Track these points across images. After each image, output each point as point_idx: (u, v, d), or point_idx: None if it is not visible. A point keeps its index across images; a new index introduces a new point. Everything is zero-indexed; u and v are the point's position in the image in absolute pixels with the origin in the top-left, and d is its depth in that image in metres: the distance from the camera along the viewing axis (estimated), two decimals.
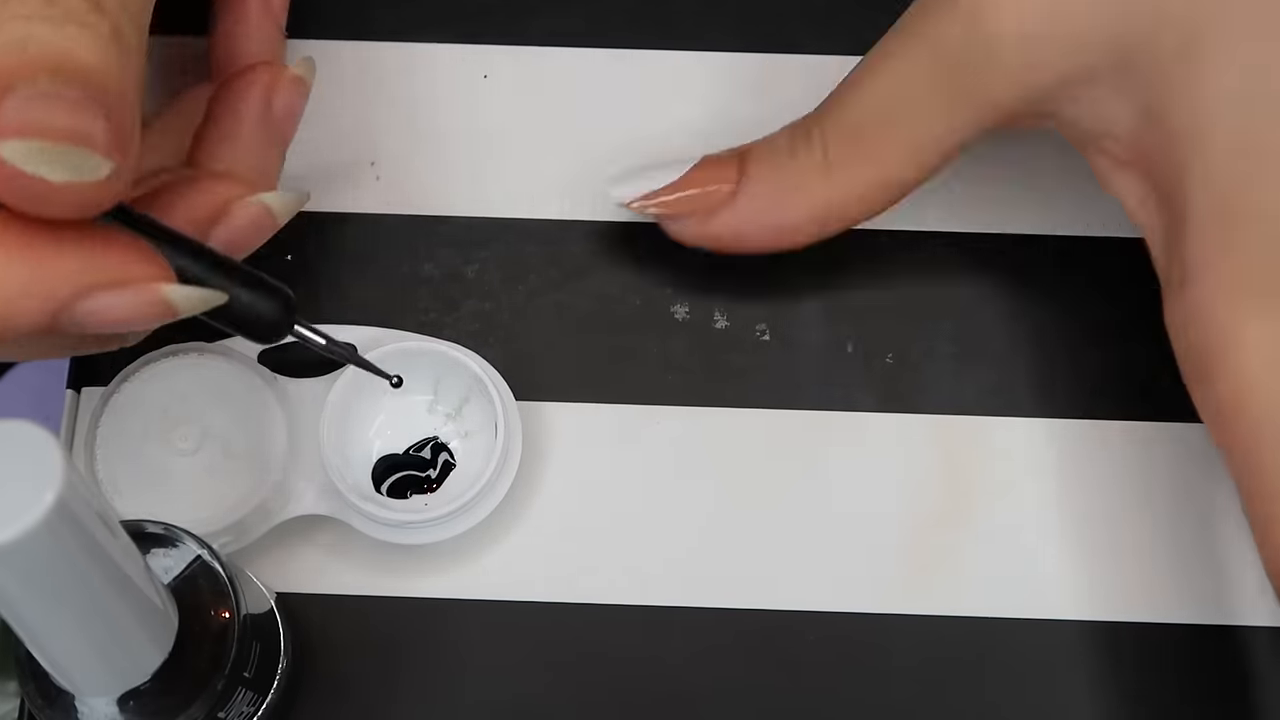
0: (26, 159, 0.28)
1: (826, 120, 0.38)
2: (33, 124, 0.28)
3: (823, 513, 0.40)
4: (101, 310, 0.30)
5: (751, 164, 0.39)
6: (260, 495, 0.37)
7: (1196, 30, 0.32)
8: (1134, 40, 0.33)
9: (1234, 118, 0.32)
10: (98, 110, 0.29)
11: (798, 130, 0.38)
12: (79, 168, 0.29)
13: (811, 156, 0.38)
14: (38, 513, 0.25)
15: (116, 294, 0.30)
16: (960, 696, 0.39)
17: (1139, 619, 0.39)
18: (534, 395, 0.41)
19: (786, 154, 0.38)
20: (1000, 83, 0.35)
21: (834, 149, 0.37)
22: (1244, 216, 0.32)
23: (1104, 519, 0.40)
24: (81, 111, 0.29)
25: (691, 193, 0.39)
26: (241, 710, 0.35)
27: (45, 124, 0.28)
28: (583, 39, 0.44)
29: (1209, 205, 0.33)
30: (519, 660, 0.39)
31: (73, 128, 0.29)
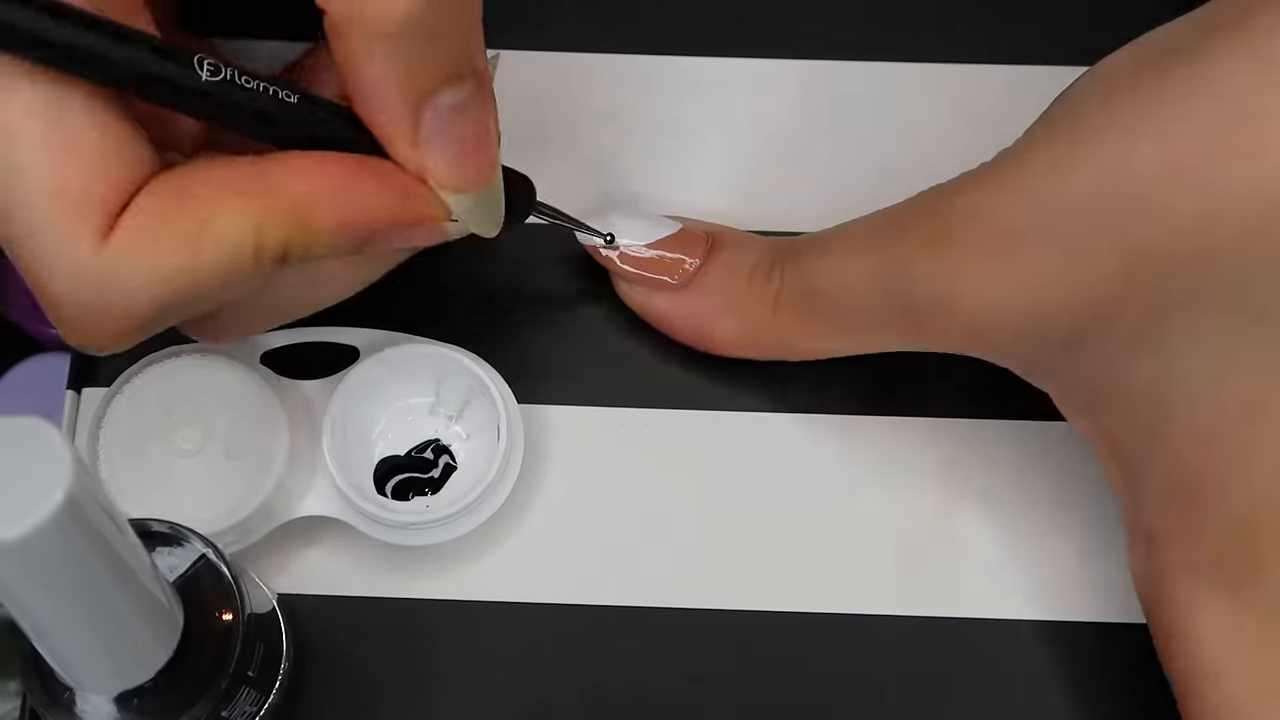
0: (466, 215, 0.33)
1: (790, 267, 0.38)
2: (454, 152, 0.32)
3: (821, 514, 0.40)
4: (400, 239, 0.33)
5: (712, 265, 0.39)
6: (262, 496, 0.37)
7: (1154, 322, 0.32)
8: (1092, 323, 0.33)
9: (1189, 409, 0.32)
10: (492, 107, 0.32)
11: (763, 259, 0.39)
12: (499, 209, 0.34)
13: (764, 292, 0.38)
14: (47, 509, 0.25)
15: (411, 229, 0.33)
16: (960, 697, 0.39)
17: (1140, 620, 0.39)
18: (535, 398, 0.41)
19: (745, 277, 0.39)
20: (954, 335, 0.35)
21: (786, 296, 0.38)
22: (1200, 506, 0.33)
23: (1105, 519, 0.40)
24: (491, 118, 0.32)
25: (645, 274, 0.39)
26: (244, 709, 0.35)
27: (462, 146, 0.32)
28: (584, 42, 0.44)
29: (1167, 486, 0.33)
30: (520, 661, 0.39)
31: (490, 154, 0.33)
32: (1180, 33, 0.32)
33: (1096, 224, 0.31)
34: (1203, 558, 0.33)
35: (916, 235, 0.34)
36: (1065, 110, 0.33)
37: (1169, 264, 0.31)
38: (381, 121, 0.32)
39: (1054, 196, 0.32)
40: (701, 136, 0.43)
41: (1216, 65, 0.31)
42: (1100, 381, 0.34)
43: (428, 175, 0.32)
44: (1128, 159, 0.31)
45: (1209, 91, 0.30)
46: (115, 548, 0.28)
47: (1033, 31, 0.44)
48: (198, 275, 0.30)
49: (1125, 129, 0.31)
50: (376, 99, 0.31)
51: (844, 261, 0.36)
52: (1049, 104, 0.34)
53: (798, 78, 0.44)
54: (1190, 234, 0.31)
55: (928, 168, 0.43)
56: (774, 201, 0.43)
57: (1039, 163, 0.32)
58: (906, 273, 0.34)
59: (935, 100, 0.43)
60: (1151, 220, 0.31)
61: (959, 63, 0.44)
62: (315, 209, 0.31)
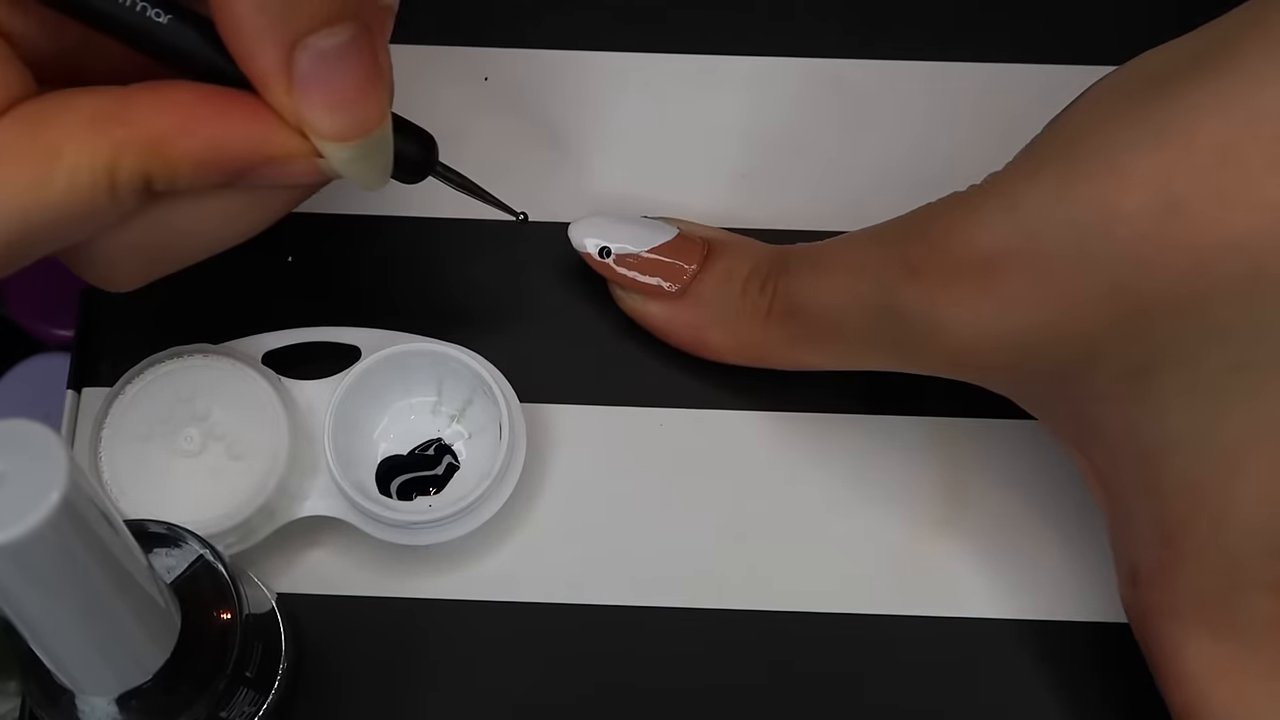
0: (346, 165, 0.32)
1: (783, 281, 0.38)
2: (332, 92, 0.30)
3: (821, 514, 0.40)
4: (273, 176, 0.32)
5: (708, 274, 0.39)
6: (264, 496, 0.37)
7: (1140, 368, 0.32)
8: (1077, 362, 0.32)
9: (1172, 458, 0.32)
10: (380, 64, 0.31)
11: (758, 268, 0.38)
12: (386, 162, 0.33)
13: (757, 304, 0.38)
14: (43, 511, 0.25)
15: (282, 165, 0.32)
16: (959, 697, 0.39)
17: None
18: (536, 397, 0.41)
19: (739, 289, 0.38)
20: (939, 361, 0.35)
21: (777, 311, 0.38)
22: (1180, 552, 0.33)
23: (1103, 520, 0.40)
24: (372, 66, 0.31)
25: (641, 280, 0.39)
26: (243, 710, 0.35)
27: (339, 93, 0.30)
28: (585, 42, 0.44)
29: (1149, 527, 0.33)
30: (521, 661, 0.39)
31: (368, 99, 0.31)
32: (1170, 60, 0.32)
33: (1084, 265, 0.31)
34: (1183, 601, 0.33)
35: (904, 260, 0.34)
36: (1057, 137, 0.33)
37: (1157, 310, 0.31)
38: (254, 61, 0.31)
39: (1043, 232, 0.31)
40: (702, 135, 0.43)
41: (1205, 100, 0.30)
42: (1086, 417, 0.33)
43: (303, 123, 0.31)
44: (1118, 200, 0.30)
45: (1201, 130, 0.30)
46: (112, 550, 0.28)
47: (1038, 30, 0.44)
48: (49, 205, 0.30)
49: (1116, 166, 0.31)
50: (246, 40, 0.31)
51: (834, 282, 0.36)
52: (1045, 125, 0.34)
53: (798, 75, 0.44)
54: (1180, 282, 0.30)
55: (931, 167, 0.43)
56: (776, 200, 0.43)
57: (1029, 194, 0.32)
58: (894, 298, 0.34)
59: (938, 99, 0.43)
60: (1141, 266, 0.30)
61: (962, 61, 0.44)
62: (174, 141, 0.31)
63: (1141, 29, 0.44)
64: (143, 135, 0.30)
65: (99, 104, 0.31)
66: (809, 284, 0.37)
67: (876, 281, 0.35)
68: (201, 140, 0.31)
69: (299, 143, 0.32)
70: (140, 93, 0.31)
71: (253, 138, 0.31)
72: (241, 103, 0.31)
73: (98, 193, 0.30)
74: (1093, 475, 0.35)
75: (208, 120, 0.31)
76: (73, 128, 0.30)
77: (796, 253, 0.38)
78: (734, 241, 0.40)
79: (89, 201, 0.30)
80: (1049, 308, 0.32)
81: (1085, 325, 0.32)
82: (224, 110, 0.31)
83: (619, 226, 0.40)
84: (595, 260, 0.40)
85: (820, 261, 0.37)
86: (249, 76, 0.31)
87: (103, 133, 0.30)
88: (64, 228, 0.31)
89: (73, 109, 0.31)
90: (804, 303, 0.37)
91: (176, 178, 0.31)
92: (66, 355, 0.42)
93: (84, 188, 0.30)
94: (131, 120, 0.31)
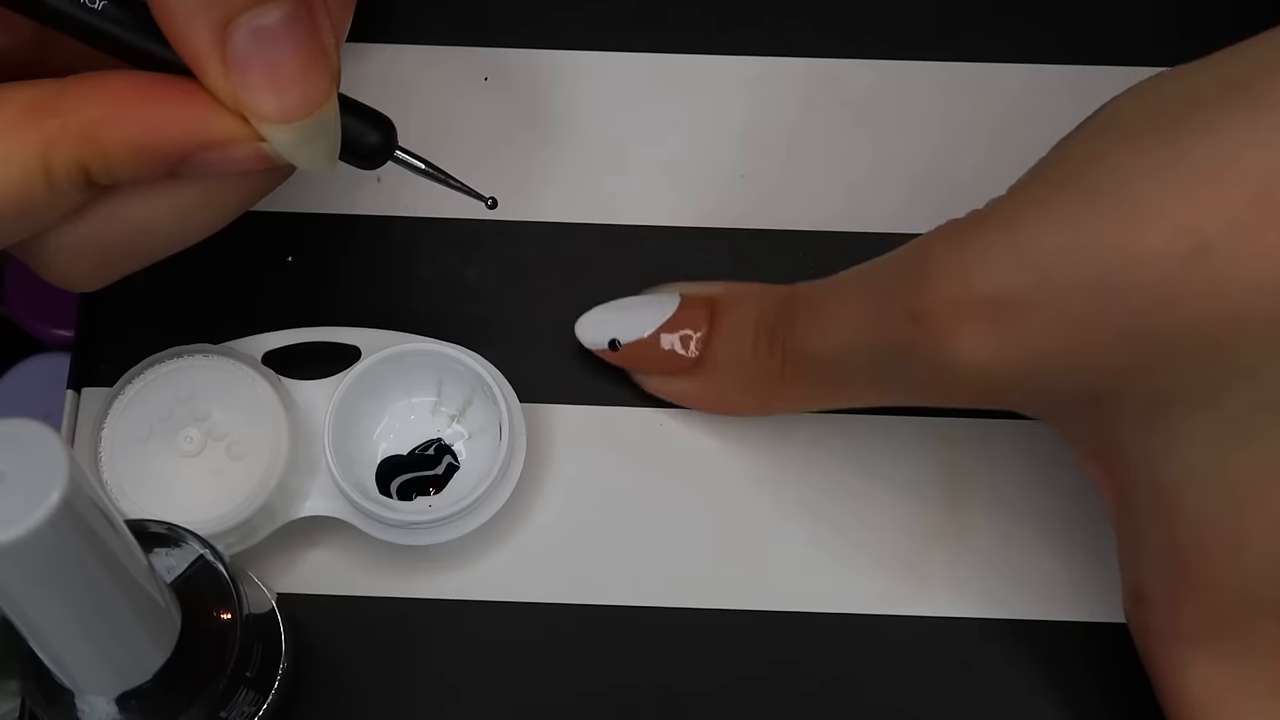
0: (290, 149, 0.31)
1: (789, 336, 0.37)
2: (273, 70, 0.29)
3: (822, 514, 0.40)
4: (215, 163, 0.31)
5: (716, 338, 0.39)
6: (264, 496, 0.37)
7: (1160, 404, 0.31)
8: (1097, 395, 0.31)
9: (1188, 491, 0.31)
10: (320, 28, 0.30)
11: (763, 320, 0.38)
12: (332, 146, 0.32)
13: (769, 362, 0.37)
14: (43, 511, 0.25)
15: (223, 151, 0.31)
16: (960, 697, 0.39)
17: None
18: (536, 397, 0.41)
19: (750, 350, 0.38)
20: (960, 398, 0.34)
21: (791, 369, 0.37)
22: (1189, 582, 0.33)
23: (1107, 520, 0.40)
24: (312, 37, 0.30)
25: (658, 357, 0.39)
26: (243, 710, 0.35)
27: (277, 73, 0.30)
28: (585, 42, 0.44)
29: (1161, 554, 0.33)
30: (520, 661, 0.39)
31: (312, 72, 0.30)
32: (1195, 86, 0.30)
33: (1103, 304, 0.30)
34: (1190, 627, 0.33)
35: (906, 308, 0.32)
36: (1067, 165, 0.31)
37: (1182, 346, 0.29)
38: (186, 43, 0.30)
39: (1057, 271, 0.30)
40: (702, 135, 0.43)
41: (1237, 134, 0.28)
42: (1107, 437, 0.33)
43: (241, 105, 0.31)
44: (1140, 240, 0.29)
45: (1232, 168, 0.28)
46: (112, 549, 0.28)
47: (1038, 30, 0.44)
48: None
49: (1137, 202, 0.29)
50: (177, 21, 0.30)
51: (838, 335, 0.35)
52: (1047, 152, 0.33)
53: (798, 75, 0.44)
54: (1206, 323, 0.29)
55: (930, 167, 0.43)
56: (776, 201, 0.43)
57: (1040, 229, 0.30)
58: (903, 346, 0.33)
59: (937, 98, 0.43)
60: (1164, 307, 0.29)
61: (962, 61, 0.44)
62: (108, 129, 0.30)
63: (1141, 29, 0.44)
64: (75, 125, 0.30)
65: (30, 96, 0.30)
66: (814, 338, 0.36)
67: (883, 332, 0.33)
68: (135, 126, 0.30)
69: (239, 126, 0.31)
70: (72, 83, 0.31)
71: (189, 122, 0.31)
72: (177, 87, 0.31)
73: (33, 186, 0.30)
74: (1109, 489, 0.34)
75: (140, 105, 0.30)
76: (3, 122, 0.30)
77: (800, 299, 0.37)
78: (736, 294, 0.39)
79: (23, 195, 0.30)
80: (1066, 344, 0.30)
81: (1105, 360, 0.30)
82: (157, 95, 0.31)
83: (622, 313, 0.40)
84: (608, 354, 0.40)
85: (822, 312, 0.36)
86: (184, 59, 0.31)
87: (34, 124, 0.30)
88: (2, 223, 0.30)
89: (3, 102, 0.30)
90: (813, 357, 0.36)
91: (113, 167, 0.31)
92: (66, 355, 0.42)
93: (17, 181, 0.30)
94: (63, 110, 0.30)
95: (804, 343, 0.36)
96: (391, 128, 0.35)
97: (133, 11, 0.31)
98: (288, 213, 0.42)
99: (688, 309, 0.39)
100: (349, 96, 0.34)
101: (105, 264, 0.34)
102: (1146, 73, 0.40)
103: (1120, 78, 0.43)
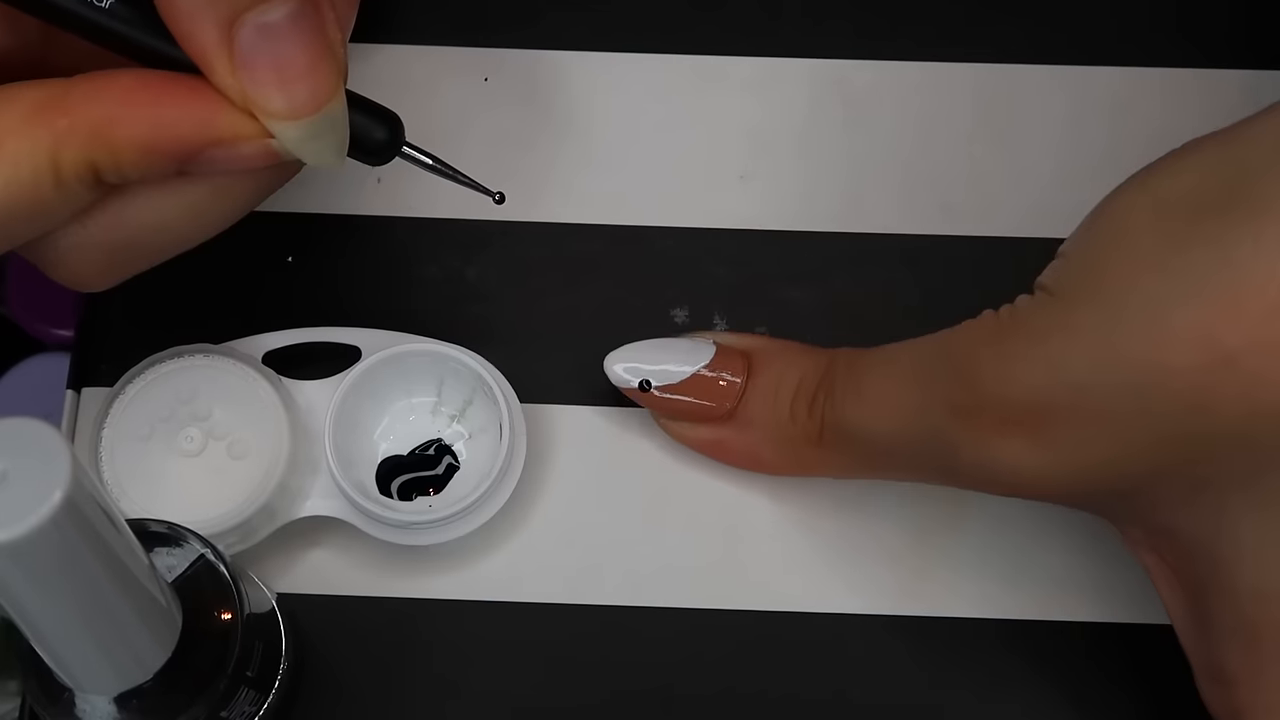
0: (299, 144, 0.31)
1: (829, 407, 0.37)
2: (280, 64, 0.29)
3: (822, 514, 0.40)
4: (224, 160, 0.31)
5: (752, 394, 0.38)
6: (264, 496, 0.37)
7: (1201, 491, 0.31)
8: (1137, 489, 0.32)
9: (1248, 564, 0.31)
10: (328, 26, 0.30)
11: (805, 383, 0.37)
12: (341, 141, 0.32)
13: (807, 430, 0.37)
14: (46, 510, 0.25)
15: (232, 148, 0.31)
16: (961, 697, 0.39)
17: (1139, 620, 0.39)
18: (536, 397, 0.41)
19: (787, 411, 0.38)
20: (997, 491, 0.34)
21: (829, 437, 0.37)
22: (1265, 654, 0.32)
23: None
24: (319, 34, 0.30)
25: (690, 402, 0.39)
26: (244, 710, 0.35)
27: (284, 70, 0.29)
28: (585, 42, 0.44)
29: (1237, 630, 0.32)
30: (520, 661, 0.39)
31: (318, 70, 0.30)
32: (1199, 189, 0.30)
33: (1138, 416, 0.30)
34: (1275, 699, 0.33)
35: (949, 402, 0.33)
36: (1087, 282, 0.32)
37: (1214, 447, 0.30)
38: (193, 41, 0.30)
39: (1091, 389, 0.31)
40: (703, 135, 0.43)
41: (1245, 249, 0.29)
42: (1155, 523, 0.33)
43: (249, 102, 0.31)
44: (1168, 358, 0.29)
45: (1247, 284, 0.29)
46: (114, 548, 0.28)
47: (1038, 30, 0.44)
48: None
49: (1162, 324, 0.30)
50: (184, 19, 0.30)
51: (881, 414, 0.35)
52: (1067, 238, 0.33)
53: (799, 76, 0.44)
54: (1237, 424, 0.29)
55: (930, 167, 0.43)
56: (776, 201, 0.43)
57: (1072, 353, 0.31)
58: (943, 437, 0.33)
59: (938, 99, 0.43)
60: (1197, 413, 0.30)
61: (962, 61, 0.44)
62: (117, 127, 0.30)
63: (1141, 29, 0.44)
64: (83, 123, 0.30)
65: (39, 95, 0.30)
66: (856, 413, 0.36)
67: (924, 423, 0.34)
68: (144, 124, 0.30)
69: (247, 123, 0.31)
70: (80, 81, 0.30)
71: (197, 119, 0.31)
72: (185, 84, 0.31)
73: (42, 185, 0.30)
74: (1163, 574, 0.34)
75: (148, 103, 0.30)
76: (12, 121, 0.30)
77: (841, 370, 0.37)
78: (773, 350, 0.39)
79: (33, 195, 0.30)
80: (1104, 450, 0.31)
81: (1143, 463, 0.31)
82: (165, 93, 0.31)
83: (656, 352, 0.39)
84: (638, 394, 0.39)
85: (865, 391, 0.36)
86: (191, 57, 0.30)
87: (43, 123, 0.30)
88: (12, 223, 0.30)
89: (12, 101, 0.30)
90: (854, 431, 0.36)
91: (122, 165, 0.31)
92: (66, 355, 0.42)
93: (27, 181, 0.30)
94: (72, 109, 0.30)
95: (844, 416, 0.36)
96: (399, 123, 0.35)
97: (140, 10, 0.31)
98: (288, 213, 0.42)
99: (724, 357, 0.38)
100: (356, 92, 0.34)
101: (114, 263, 0.34)
102: (1147, 73, 0.40)
103: (1120, 78, 0.43)
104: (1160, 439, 0.30)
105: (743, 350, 0.39)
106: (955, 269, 0.42)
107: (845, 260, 0.42)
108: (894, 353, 0.36)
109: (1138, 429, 0.31)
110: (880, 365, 0.36)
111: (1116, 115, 0.43)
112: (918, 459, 0.35)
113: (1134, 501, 0.33)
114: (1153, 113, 0.43)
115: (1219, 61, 0.43)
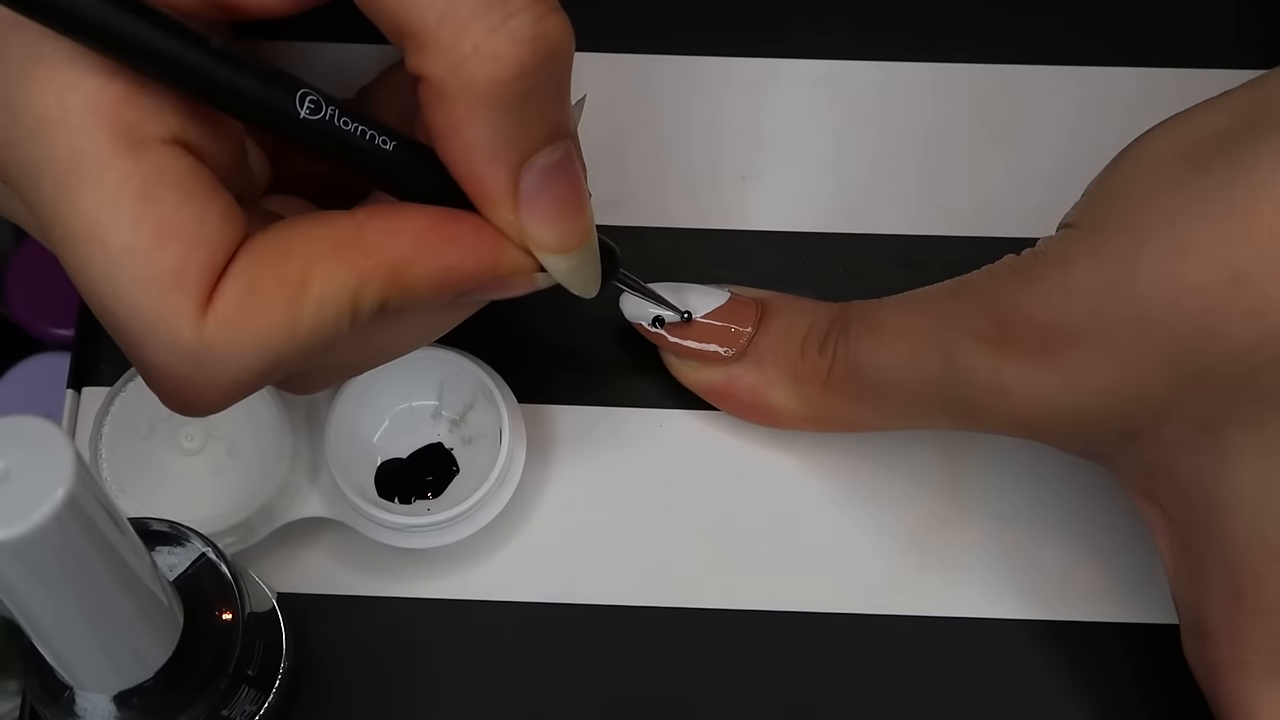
0: (567, 275, 0.32)
1: (842, 344, 0.37)
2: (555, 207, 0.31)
3: (822, 514, 0.40)
4: (494, 292, 0.32)
5: (764, 336, 0.39)
6: (264, 496, 0.37)
7: (1206, 429, 0.32)
8: (1144, 424, 0.33)
9: (1244, 513, 0.32)
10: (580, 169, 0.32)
11: (816, 327, 0.38)
12: (597, 269, 0.33)
13: (817, 367, 0.38)
14: (49, 508, 0.25)
15: (506, 281, 0.32)
16: (961, 697, 0.39)
17: (1139, 620, 0.39)
18: (536, 398, 0.41)
19: (798, 350, 0.38)
20: (1005, 425, 0.35)
21: (838, 374, 0.37)
22: (1251, 608, 0.33)
23: (1107, 520, 0.40)
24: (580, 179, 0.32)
25: (697, 347, 0.39)
26: (244, 709, 0.35)
27: (560, 206, 0.31)
28: (585, 42, 0.44)
29: (1223, 583, 0.33)
30: (520, 660, 0.39)
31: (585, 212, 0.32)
32: (1224, 124, 0.31)
33: (1149, 338, 0.31)
34: (1254, 657, 0.33)
35: (966, 330, 0.34)
36: (1114, 205, 0.32)
37: (1223, 380, 0.31)
38: (480, 184, 0.31)
39: (1105, 305, 0.32)
40: (703, 136, 0.43)
41: (1265, 170, 0.30)
42: (1157, 466, 0.33)
43: (527, 238, 0.32)
44: (1183, 273, 0.30)
45: (1263, 202, 0.30)
46: (116, 547, 0.28)
47: (1039, 30, 0.44)
48: (297, 339, 0.30)
49: (1179, 239, 0.31)
50: (476, 163, 0.31)
51: (896, 348, 0.36)
52: (1085, 186, 0.34)
53: (799, 76, 0.44)
54: (1247, 350, 0.30)
55: (931, 167, 0.43)
56: (776, 201, 0.43)
57: (1088, 265, 0.32)
58: (957, 367, 0.34)
59: (938, 99, 0.43)
60: (1207, 336, 0.30)
61: (962, 61, 0.44)
62: (412, 267, 0.31)
63: (1141, 29, 0.44)
64: (383, 264, 0.30)
65: (336, 234, 0.30)
66: (870, 348, 0.37)
67: (940, 350, 0.35)
68: (438, 264, 0.31)
69: (524, 259, 0.32)
70: (371, 219, 0.31)
71: (485, 258, 0.31)
72: (469, 224, 0.31)
73: (342, 323, 0.30)
74: (1160, 524, 0.35)
75: (441, 244, 0.31)
76: (315, 260, 0.30)
77: (855, 313, 0.38)
78: (787, 301, 0.39)
79: (334, 332, 0.30)
80: (1116, 376, 0.32)
81: (1153, 389, 0.32)
82: (455, 234, 0.31)
83: (671, 295, 0.39)
84: (648, 330, 0.39)
85: (880, 326, 0.37)
86: (474, 197, 0.31)
87: (346, 263, 0.30)
88: (306, 357, 0.30)
89: (312, 240, 0.30)
90: (866, 366, 0.37)
91: (411, 302, 0.31)
92: (66, 355, 0.42)
93: (330, 320, 0.30)
94: (371, 250, 0.30)
95: (857, 354, 0.37)
96: (616, 254, 0.36)
97: (417, 152, 0.31)
98: None
99: (737, 304, 0.39)
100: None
101: (342, 377, 0.35)
102: (1148, 73, 0.40)
103: (1120, 78, 0.43)
104: (1169, 362, 0.31)
105: (756, 298, 0.40)
106: (955, 269, 0.42)
107: (845, 260, 0.42)
108: (911, 293, 0.37)
109: (1148, 351, 0.31)
110: (896, 301, 0.37)
111: (1117, 115, 0.43)
112: (927, 393, 0.36)
113: (1136, 445, 0.33)
114: (1154, 113, 0.42)
115: (1221, 62, 0.43)
